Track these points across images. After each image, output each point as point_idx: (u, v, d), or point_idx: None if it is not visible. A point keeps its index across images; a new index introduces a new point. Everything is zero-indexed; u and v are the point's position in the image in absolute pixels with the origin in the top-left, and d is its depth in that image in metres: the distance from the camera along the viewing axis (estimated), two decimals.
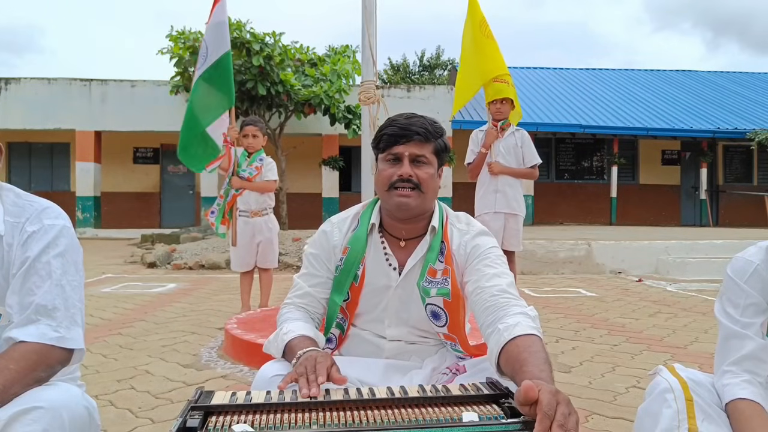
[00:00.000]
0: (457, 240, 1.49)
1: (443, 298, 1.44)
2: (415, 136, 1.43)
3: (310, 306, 1.52)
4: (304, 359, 1.24)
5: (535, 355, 1.14)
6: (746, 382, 1.26)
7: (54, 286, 1.23)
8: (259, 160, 4.33)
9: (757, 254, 1.33)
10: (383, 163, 1.47)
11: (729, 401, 1.25)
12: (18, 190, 1.34)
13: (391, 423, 0.97)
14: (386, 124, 1.48)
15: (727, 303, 1.35)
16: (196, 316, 4.78)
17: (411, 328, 1.51)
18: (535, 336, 1.20)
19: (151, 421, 2.39)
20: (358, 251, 1.49)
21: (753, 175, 17.14)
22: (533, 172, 4.38)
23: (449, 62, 30.13)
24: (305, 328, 1.42)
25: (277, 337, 1.41)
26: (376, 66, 3.53)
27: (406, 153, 1.43)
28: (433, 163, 1.46)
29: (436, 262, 1.46)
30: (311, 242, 1.59)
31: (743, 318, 1.31)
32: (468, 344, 1.49)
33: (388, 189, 1.45)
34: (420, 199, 1.44)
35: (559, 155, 16.74)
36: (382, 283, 1.49)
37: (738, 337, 1.30)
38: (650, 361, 3.38)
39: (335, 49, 13.55)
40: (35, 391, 1.13)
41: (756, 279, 1.31)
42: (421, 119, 1.46)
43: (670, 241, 8.42)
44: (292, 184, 14.16)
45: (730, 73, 21.32)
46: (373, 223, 1.52)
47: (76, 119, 14.03)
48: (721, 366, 1.32)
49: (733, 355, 1.30)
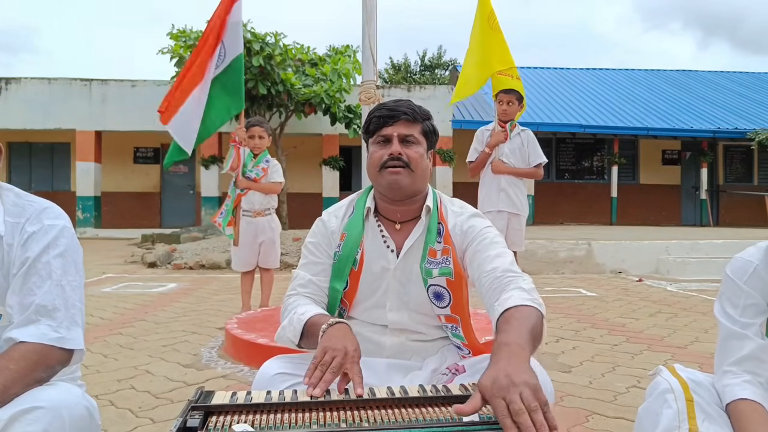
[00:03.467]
0: (452, 220, 1.52)
1: (446, 278, 1.46)
2: (402, 116, 1.48)
3: (314, 295, 1.51)
4: (333, 341, 1.22)
5: (513, 322, 1.16)
6: (747, 383, 1.26)
7: (54, 287, 1.23)
8: (266, 161, 4.35)
9: (756, 254, 1.33)
10: (374, 146, 1.51)
11: (730, 402, 1.25)
12: (18, 190, 1.34)
13: (391, 423, 0.98)
14: (374, 108, 1.53)
15: (726, 303, 1.34)
16: (196, 315, 4.78)
17: (412, 312, 1.51)
18: (524, 306, 1.22)
19: (152, 421, 2.39)
20: (355, 236, 1.50)
21: (753, 175, 17.14)
22: (537, 171, 4.28)
23: (451, 62, 30.11)
24: (319, 310, 1.43)
25: (292, 322, 1.39)
26: (376, 66, 3.53)
27: (394, 133, 1.47)
28: (421, 143, 1.50)
29: (434, 243, 1.48)
30: (310, 233, 1.61)
31: (743, 318, 1.30)
32: (470, 325, 1.50)
33: (379, 170, 1.48)
34: (410, 177, 1.47)
35: (559, 155, 16.74)
36: (381, 265, 1.50)
37: (737, 338, 1.30)
38: (650, 361, 3.38)
39: (336, 48, 13.55)
40: (35, 391, 1.13)
41: (755, 279, 1.31)
42: (408, 101, 1.52)
43: (671, 241, 8.42)
44: (292, 184, 14.16)
45: (730, 73, 21.31)
46: (368, 207, 1.55)
47: (77, 119, 14.03)
48: (722, 366, 1.31)
49: (733, 356, 1.29)
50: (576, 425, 2.35)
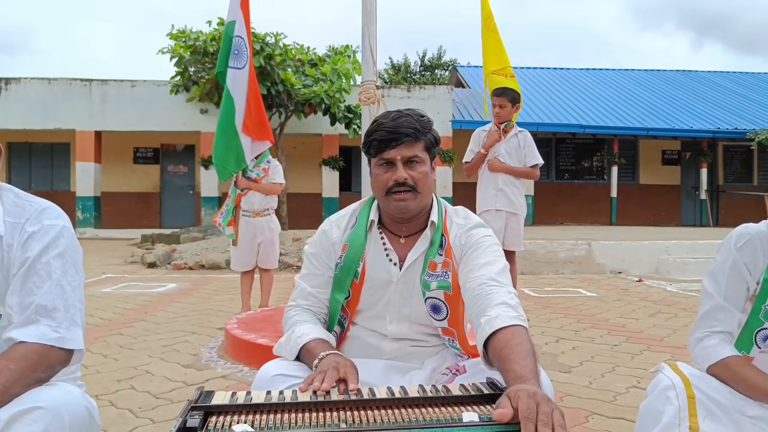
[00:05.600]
0: (455, 232, 1.50)
1: (444, 291, 1.45)
2: (405, 138, 1.41)
3: (314, 307, 1.52)
4: (327, 363, 1.25)
5: (516, 348, 1.15)
6: (725, 342, 1.37)
7: (54, 287, 1.23)
8: (267, 162, 4.35)
9: (758, 227, 1.39)
10: (377, 168, 1.46)
11: (718, 360, 1.34)
12: (18, 190, 1.34)
13: (391, 423, 0.97)
14: (373, 128, 1.45)
15: (716, 274, 1.43)
16: (196, 316, 4.78)
17: (412, 323, 1.51)
18: (515, 326, 1.21)
19: (151, 421, 2.39)
20: (357, 248, 1.49)
21: (753, 175, 17.13)
22: (533, 172, 4.31)
23: (451, 62, 30.11)
24: (317, 331, 1.43)
25: (290, 341, 1.41)
26: (376, 66, 3.53)
27: (398, 157, 1.42)
28: (425, 161, 1.46)
29: (436, 255, 1.47)
30: (311, 242, 1.60)
31: (728, 292, 1.39)
32: (466, 340, 1.49)
33: (386, 194, 1.45)
34: (417, 199, 1.45)
35: (559, 155, 16.74)
36: (383, 278, 1.49)
37: (723, 310, 1.39)
38: (650, 361, 3.37)
39: (336, 49, 13.56)
40: (35, 391, 1.13)
41: (748, 247, 1.37)
42: (408, 118, 1.44)
43: (671, 241, 8.42)
44: (292, 184, 14.14)
45: (730, 73, 21.31)
46: (372, 219, 1.53)
47: (76, 119, 14.02)
48: (695, 333, 1.42)
49: (713, 325, 1.39)
50: (576, 425, 2.35)
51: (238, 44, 3.92)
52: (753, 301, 1.36)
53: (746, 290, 1.37)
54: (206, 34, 11.46)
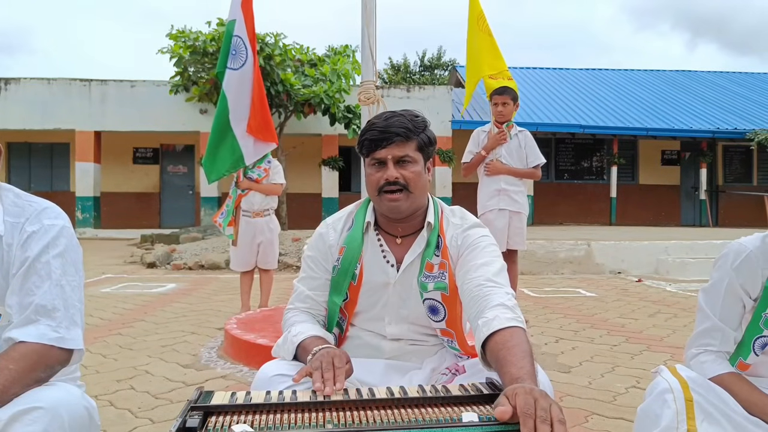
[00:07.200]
0: (451, 233, 1.50)
1: (441, 293, 1.45)
2: (395, 137, 1.42)
3: (312, 309, 1.53)
4: (320, 355, 1.25)
5: (513, 350, 1.15)
6: (720, 358, 1.39)
7: (54, 287, 1.23)
8: (267, 162, 4.35)
9: (753, 242, 1.37)
10: (369, 168, 1.47)
11: (713, 377, 1.35)
12: (17, 190, 1.34)
13: (391, 423, 0.97)
14: (366, 128, 1.47)
15: (710, 292, 1.42)
16: (195, 316, 4.78)
17: (410, 324, 1.51)
18: (513, 328, 1.21)
19: (151, 422, 2.39)
20: (354, 250, 1.49)
21: (753, 175, 17.14)
22: (535, 172, 4.28)
23: (450, 63, 30.10)
24: (314, 329, 1.44)
25: (287, 341, 1.42)
26: (375, 66, 3.54)
27: (389, 156, 1.42)
28: (418, 161, 1.46)
29: (432, 256, 1.47)
30: (308, 245, 1.60)
31: (723, 312, 1.38)
32: (465, 341, 1.49)
33: (378, 194, 1.45)
34: (410, 199, 1.45)
35: (558, 155, 16.74)
36: (381, 280, 1.50)
37: (719, 331, 1.39)
38: (650, 361, 3.38)
39: (335, 49, 13.56)
40: (35, 391, 1.13)
41: (746, 264, 1.36)
42: (400, 118, 1.44)
43: (670, 242, 8.42)
44: (291, 184, 14.14)
45: (730, 74, 21.31)
46: (368, 221, 1.53)
47: (76, 119, 14.01)
48: (692, 348, 1.43)
49: (709, 344, 1.40)
50: (575, 425, 2.35)
51: (236, 44, 3.90)
52: (752, 312, 1.35)
53: (742, 308, 1.38)
54: (206, 34, 11.47)
